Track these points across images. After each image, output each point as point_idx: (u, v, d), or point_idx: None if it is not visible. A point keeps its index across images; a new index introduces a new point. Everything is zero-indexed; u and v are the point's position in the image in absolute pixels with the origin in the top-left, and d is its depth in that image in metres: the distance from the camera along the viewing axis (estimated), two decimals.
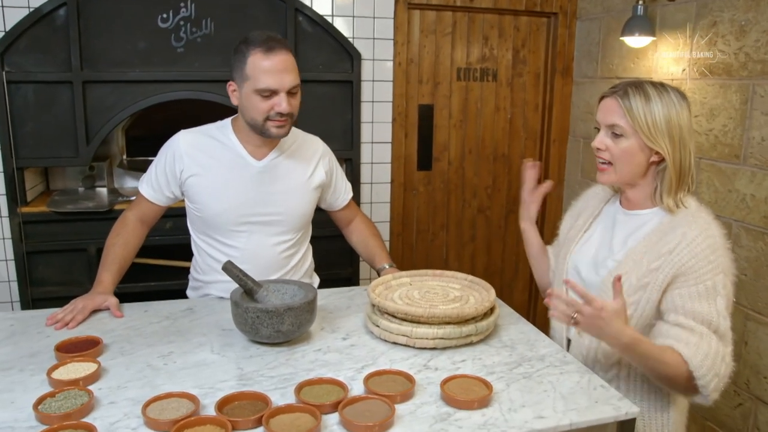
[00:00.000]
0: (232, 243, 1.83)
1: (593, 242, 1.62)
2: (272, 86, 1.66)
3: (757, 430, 2.30)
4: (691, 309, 1.37)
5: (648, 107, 1.42)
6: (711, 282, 1.38)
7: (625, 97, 1.44)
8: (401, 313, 1.52)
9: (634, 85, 1.46)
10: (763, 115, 2.22)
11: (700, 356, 1.34)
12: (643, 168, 1.48)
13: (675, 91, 1.46)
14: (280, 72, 1.66)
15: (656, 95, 1.43)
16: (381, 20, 2.98)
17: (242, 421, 1.16)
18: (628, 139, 1.45)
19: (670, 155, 1.43)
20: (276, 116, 1.69)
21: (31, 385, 1.31)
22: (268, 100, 1.68)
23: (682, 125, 1.43)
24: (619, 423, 1.28)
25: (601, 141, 1.50)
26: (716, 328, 1.37)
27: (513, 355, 1.51)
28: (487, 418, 1.22)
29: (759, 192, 2.25)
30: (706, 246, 1.39)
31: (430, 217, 3.41)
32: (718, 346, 1.36)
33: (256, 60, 1.66)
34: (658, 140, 1.43)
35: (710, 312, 1.36)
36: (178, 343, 1.53)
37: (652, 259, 1.43)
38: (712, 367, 1.34)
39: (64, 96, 2.58)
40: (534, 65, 3.41)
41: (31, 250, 2.61)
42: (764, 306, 2.24)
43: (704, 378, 1.34)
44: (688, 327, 1.37)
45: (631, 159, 1.46)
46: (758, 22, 2.22)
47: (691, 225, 1.42)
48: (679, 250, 1.40)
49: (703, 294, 1.37)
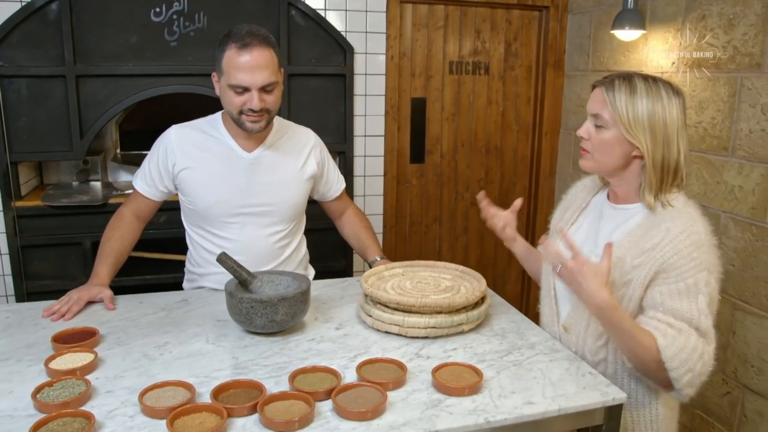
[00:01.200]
0: (226, 235, 1.85)
1: (579, 235, 1.60)
2: (243, 83, 1.67)
3: (744, 417, 2.34)
4: (671, 307, 1.36)
5: (631, 100, 1.41)
6: (693, 280, 1.35)
7: (610, 89, 1.44)
8: (393, 302, 1.54)
9: (624, 77, 1.44)
10: (750, 107, 2.25)
11: (675, 348, 1.32)
12: (622, 160, 1.46)
13: (668, 86, 1.43)
14: (253, 69, 1.66)
15: (643, 89, 1.41)
16: (373, 14, 2.99)
17: (237, 408, 1.18)
18: (609, 131, 1.44)
19: (650, 151, 1.41)
20: (249, 111, 1.70)
21: (28, 375, 1.33)
22: (240, 96, 1.69)
23: (667, 122, 1.40)
24: (607, 408, 1.31)
25: (585, 129, 1.50)
26: (697, 326, 1.35)
27: (503, 344, 1.54)
28: (478, 404, 1.25)
29: (747, 183, 2.28)
30: (689, 243, 1.36)
31: (423, 210, 3.44)
32: (696, 342, 1.34)
33: (231, 56, 1.67)
34: (637, 134, 1.41)
35: (691, 310, 1.35)
36: (173, 333, 1.55)
37: (635, 255, 1.42)
38: (687, 362, 1.33)
39: (58, 90, 2.58)
40: (526, 58, 3.43)
41: (25, 244, 2.63)
42: (751, 296, 2.28)
43: (676, 371, 1.33)
44: (667, 322, 1.35)
45: (609, 150, 1.46)
46: (746, 15, 2.25)
47: (676, 221, 1.40)
48: (662, 247, 1.38)
49: (684, 292, 1.36)
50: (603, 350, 1.49)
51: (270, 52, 1.69)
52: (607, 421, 1.31)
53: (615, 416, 1.32)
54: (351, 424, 1.17)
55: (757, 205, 2.24)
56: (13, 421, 1.15)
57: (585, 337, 1.51)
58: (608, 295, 1.34)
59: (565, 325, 1.57)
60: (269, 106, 1.73)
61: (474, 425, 1.19)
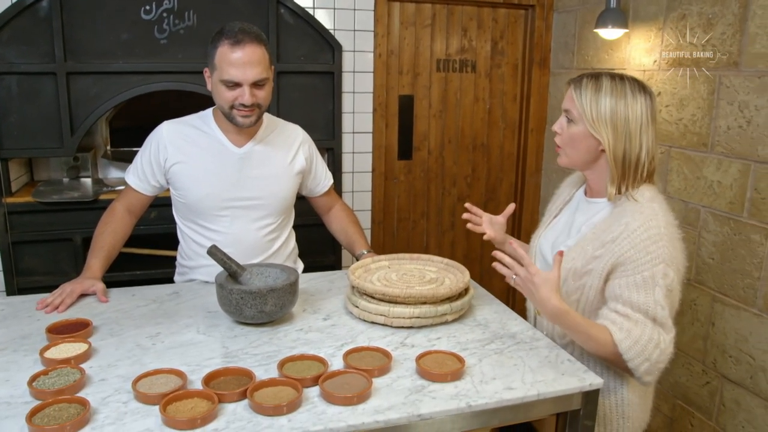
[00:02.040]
0: (216, 228, 1.89)
1: (557, 227, 1.71)
2: (235, 78, 1.71)
3: (723, 406, 2.40)
4: (629, 298, 1.43)
5: (596, 97, 1.50)
6: (649, 273, 1.42)
7: (578, 86, 1.54)
8: (379, 293, 1.59)
9: (592, 75, 1.54)
10: (728, 104, 2.31)
11: (630, 341, 1.41)
12: (590, 154, 1.55)
13: (635, 85, 1.51)
14: (245, 65, 1.70)
15: (608, 87, 1.50)
16: (361, 12, 3.03)
17: (228, 394, 1.22)
18: (577, 125, 1.54)
19: (611, 146, 1.50)
20: (240, 106, 1.75)
21: (24, 364, 1.36)
22: (232, 91, 1.73)
23: (629, 118, 1.49)
24: (584, 393, 1.36)
25: (558, 124, 1.60)
26: (654, 317, 1.42)
27: (486, 333, 1.59)
28: (460, 390, 1.30)
29: (725, 179, 2.34)
30: (646, 237, 1.43)
31: (410, 206, 3.48)
32: (652, 332, 1.41)
33: (223, 52, 1.71)
34: (600, 129, 1.50)
35: (647, 302, 1.42)
36: (165, 324, 1.59)
37: (597, 247, 1.50)
38: (642, 352, 1.41)
39: (48, 87, 2.61)
40: (512, 56, 3.48)
41: (16, 240, 2.64)
42: (729, 288, 2.34)
43: (633, 361, 1.41)
44: (625, 314, 1.43)
45: (577, 144, 1.55)
46: (724, 15, 2.31)
47: (636, 216, 1.47)
48: (620, 241, 1.46)
49: (641, 284, 1.42)
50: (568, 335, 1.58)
51: (261, 49, 1.73)
52: (585, 406, 1.37)
53: (592, 401, 1.37)
54: (337, 409, 1.21)
55: (735, 199, 2.30)
56: (10, 407, 1.19)
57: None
58: (558, 301, 1.42)
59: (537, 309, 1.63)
60: (260, 101, 1.77)
61: (456, 409, 1.24)
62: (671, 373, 2.62)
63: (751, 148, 2.23)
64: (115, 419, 1.16)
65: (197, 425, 1.14)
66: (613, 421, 1.59)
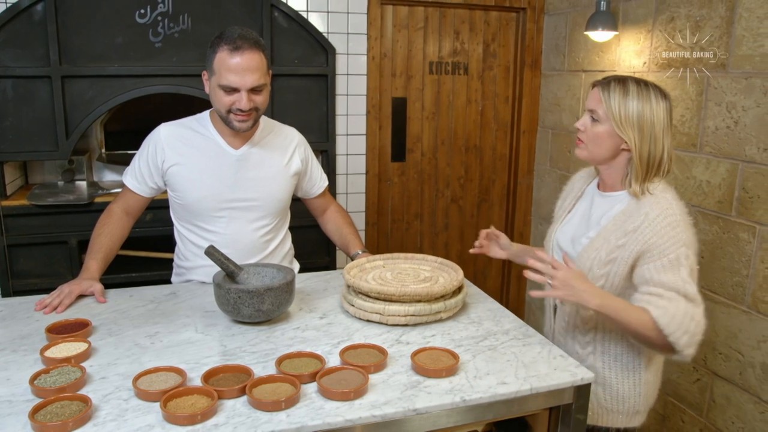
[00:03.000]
0: (213, 228, 1.91)
1: (574, 221, 1.80)
2: (233, 84, 1.73)
3: (713, 402, 2.44)
4: (659, 280, 1.52)
5: (624, 100, 1.58)
6: (674, 255, 1.52)
7: (606, 88, 1.62)
8: (374, 292, 1.62)
9: (619, 79, 1.62)
10: (716, 105, 2.35)
11: (668, 317, 1.48)
12: (611, 152, 1.64)
13: (657, 90, 1.61)
14: (243, 71, 1.73)
15: (635, 91, 1.59)
16: (355, 15, 3.06)
17: (227, 391, 1.24)
18: (602, 125, 1.62)
19: (637, 146, 1.59)
20: (237, 111, 1.77)
21: (24, 363, 1.38)
22: (230, 96, 1.76)
23: (654, 122, 1.58)
24: (576, 387, 1.39)
25: (582, 122, 1.68)
26: (685, 293, 1.51)
27: (480, 330, 1.62)
28: (454, 385, 1.33)
29: (713, 178, 2.38)
30: (666, 224, 1.54)
31: (404, 207, 3.51)
32: (686, 307, 1.50)
33: (222, 57, 1.73)
34: (626, 130, 1.59)
35: (676, 280, 1.51)
36: (163, 324, 1.61)
37: (619, 237, 1.60)
38: (681, 326, 1.48)
39: (43, 91, 2.62)
40: (504, 59, 3.52)
41: (12, 243, 2.66)
42: (719, 286, 2.38)
43: (673, 335, 1.48)
44: (658, 294, 1.52)
45: (601, 142, 1.64)
46: (711, 18, 2.35)
47: (653, 206, 1.57)
48: (642, 229, 1.56)
49: (668, 266, 1.52)
50: (592, 320, 1.68)
51: (260, 55, 1.76)
52: (576, 400, 1.40)
53: (584, 395, 1.40)
54: (335, 404, 1.24)
55: (723, 199, 2.34)
56: (12, 405, 1.21)
57: (577, 308, 1.69)
58: (598, 288, 1.52)
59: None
60: (258, 105, 1.80)
61: (451, 404, 1.27)
62: (662, 371, 2.65)
63: (738, 148, 2.27)
64: (117, 416, 1.18)
65: (197, 421, 1.16)
66: (631, 398, 1.70)
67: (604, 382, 1.70)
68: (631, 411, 1.71)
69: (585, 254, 1.65)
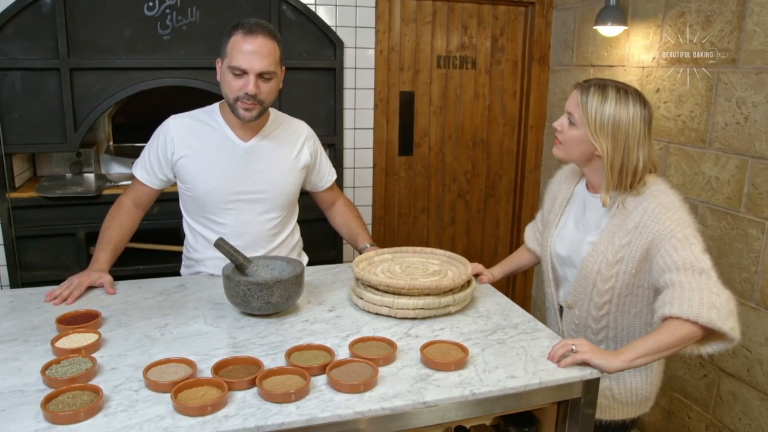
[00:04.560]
0: (222, 220, 1.91)
1: (569, 226, 1.78)
2: (242, 65, 1.74)
3: (720, 398, 2.43)
4: (673, 260, 1.49)
5: (601, 107, 1.56)
6: (681, 234, 1.51)
7: (584, 93, 1.60)
8: (383, 285, 1.62)
9: (600, 84, 1.60)
10: (726, 101, 2.34)
11: (688, 305, 1.41)
12: (586, 156, 1.64)
13: (637, 98, 1.58)
14: (253, 54, 1.74)
15: (614, 99, 1.56)
16: (363, 9, 3.06)
17: (237, 382, 1.24)
18: (578, 129, 1.62)
19: (609, 155, 1.58)
20: (244, 98, 1.77)
21: (36, 354, 1.39)
22: (238, 79, 1.76)
23: (629, 132, 1.56)
24: (585, 382, 1.39)
25: (559, 123, 1.68)
26: (700, 269, 1.47)
27: (488, 324, 1.62)
28: (463, 378, 1.33)
29: (722, 174, 2.37)
30: (666, 210, 1.54)
31: (411, 201, 3.51)
32: (701, 283, 1.45)
33: (236, 40, 1.75)
34: (599, 138, 1.57)
35: (689, 256, 1.48)
36: (172, 315, 1.62)
37: (622, 236, 1.60)
38: (703, 303, 1.41)
39: (52, 83, 2.62)
40: (512, 53, 3.51)
41: (20, 234, 2.66)
42: (726, 282, 2.33)
43: (703, 317, 1.40)
44: (672, 284, 1.47)
45: (576, 146, 1.63)
46: (722, 12, 2.34)
47: (649, 199, 1.58)
48: (644, 224, 1.56)
49: (678, 245, 1.50)
50: (605, 319, 1.68)
51: (273, 43, 1.77)
52: (585, 394, 1.39)
53: (593, 389, 1.40)
54: (344, 396, 1.24)
55: (732, 195, 2.33)
56: (24, 395, 1.21)
57: (588, 309, 1.69)
58: (614, 352, 1.43)
59: (569, 302, 1.74)
60: (263, 96, 1.79)
61: (460, 397, 1.27)
62: (669, 367, 2.65)
63: (748, 144, 2.26)
64: (128, 406, 1.18)
65: (208, 412, 1.16)
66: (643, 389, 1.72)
67: (617, 377, 1.70)
68: (643, 399, 1.73)
69: (590, 259, 1.64)
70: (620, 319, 1.68)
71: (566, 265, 1.77)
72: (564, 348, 1.42)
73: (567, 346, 1.42)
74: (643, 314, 1.67)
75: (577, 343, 1.42)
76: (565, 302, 1.76)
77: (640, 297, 1.64)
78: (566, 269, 1.77)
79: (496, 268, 2.02)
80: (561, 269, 1.80)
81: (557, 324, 1.82)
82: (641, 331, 1.68)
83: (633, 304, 1.66)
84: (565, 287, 1.80)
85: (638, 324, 1.68)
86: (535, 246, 2.00)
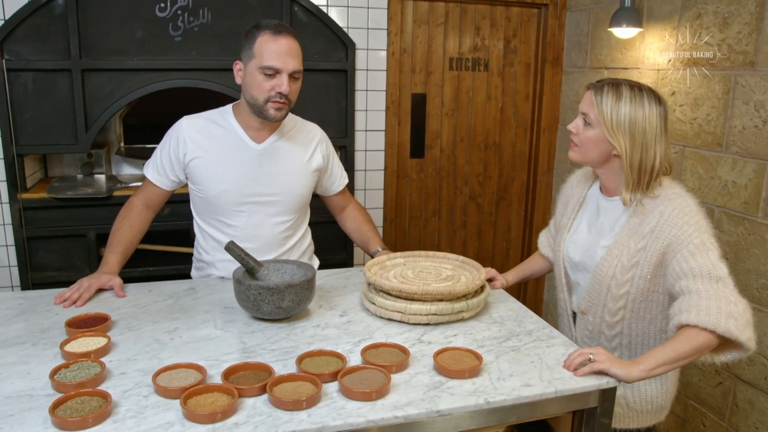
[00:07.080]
0: (233, 223, 1.90)
1: (582, 230, 1.76)
2: (276, 65, 1.74)
3: (736, 406, 2.39)
4: (689, 267, 1.47)
5: (616, 106, 1.56)
6: (698, 240, 1.49)
7: (599, 92, 1.59)
8: (396, 290, 1.59)
9: (613, 83, 1.59)
10: (744, 104, 2.30)
11: (705, 313, 1.39)
12: (603, 156, 1.62)
13: (651, 95, 1.57)
14: (285, 54, 1.74)
15: (628, 96, 1.56)
16: (375, 10, 3.04)
17: (248, 389, 1.23)
18: (594, 129, 1.60)
19: (627, 153, 1.57)
20: (276, 97, 1.76)
21: (44, 357, 1.37)
22: (270, 80, 1.75)
23: (646, 129, 1.55)
24: (602, 391, 1.36)
25: (574, 125, 1.66)
26: (717, 277, 1.45)
27: (502, 330, 1.59)
28: (477, 386, 1.30)
29: (740, 179, 2.33)
30: (683, 215, 1.52)
31: (422, 204, 3.48)
32: (718, 292, 1.42)
33: (265, 40, 1.74)
34: (617, 136, 1.56)
35: (706, 263, 1.46)
36: (182, 319, 1.60)
37: (638, 240, 1.57)
38: (720, 312, 1.39)
39: (63, 84, 2.62)
40: (525, 55, 3.48)
41: (31, 235, 2.67)
42: (743, 288, 2.33)
43: (721, 326, 1.37)
44: (688, 291, 1.44)
45: (593, 146, 1.61)
46: (740, 14, 2.30)
47: (666, 203, 1.55)
48: (660, 227, 1.54)
49: (695, 251, 1.48)
50: (619, 325, 1.65)
51: (298, 43, 1.79)
52: (602, 403, 1.37)
53: (609, 398, 1.37)
54: (356, 404, 1.22)
55: (750, 199, 2.29)
56: (32, 399, 1.20)
57: (602, 315, 1.66)
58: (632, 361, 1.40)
59: (582, 308, 1.71)
60: (292, 95, 1.80)
61: (474, 405, 1.24)
62: (684, 374, 2.61)
63: (766, 148, 2.22)
64: (137, 412, 1.17)
65: (218, 419, 1.14)
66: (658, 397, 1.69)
67: (633, 385, 1.67)
68: (658, 408, 1.70)
69: (605, 263, 1.62)
70: (635, 325, 1.65)
71: (579, 270, 1.74)
72: (581, 357, 1.39)
73: (584, 354, 1.39)
74: (658, 320, 1.64)
75: (595, 352, 1.39)
76: (579, 308, 1.74)
77: (656, 303, 1.61)
78: (579, 274, 1.75)
79: (509, 274, 1.99)
80: (573, 274, 1.77)
81: (570, 330, 1.79)
82: (656, 337, 1.65)
83: (648, 310, 1.63)
84: (578, 293, 1.77)
85: (653, 330, 1.65)
86: (548, 252, 1.98)
